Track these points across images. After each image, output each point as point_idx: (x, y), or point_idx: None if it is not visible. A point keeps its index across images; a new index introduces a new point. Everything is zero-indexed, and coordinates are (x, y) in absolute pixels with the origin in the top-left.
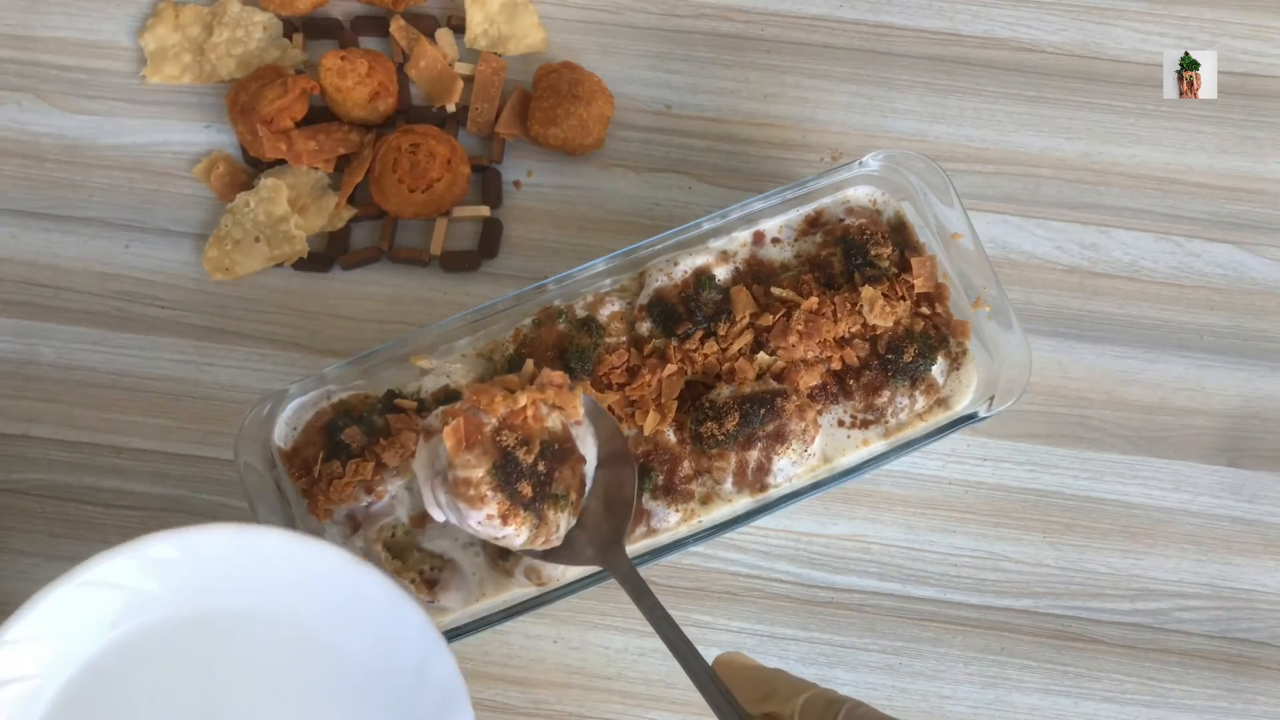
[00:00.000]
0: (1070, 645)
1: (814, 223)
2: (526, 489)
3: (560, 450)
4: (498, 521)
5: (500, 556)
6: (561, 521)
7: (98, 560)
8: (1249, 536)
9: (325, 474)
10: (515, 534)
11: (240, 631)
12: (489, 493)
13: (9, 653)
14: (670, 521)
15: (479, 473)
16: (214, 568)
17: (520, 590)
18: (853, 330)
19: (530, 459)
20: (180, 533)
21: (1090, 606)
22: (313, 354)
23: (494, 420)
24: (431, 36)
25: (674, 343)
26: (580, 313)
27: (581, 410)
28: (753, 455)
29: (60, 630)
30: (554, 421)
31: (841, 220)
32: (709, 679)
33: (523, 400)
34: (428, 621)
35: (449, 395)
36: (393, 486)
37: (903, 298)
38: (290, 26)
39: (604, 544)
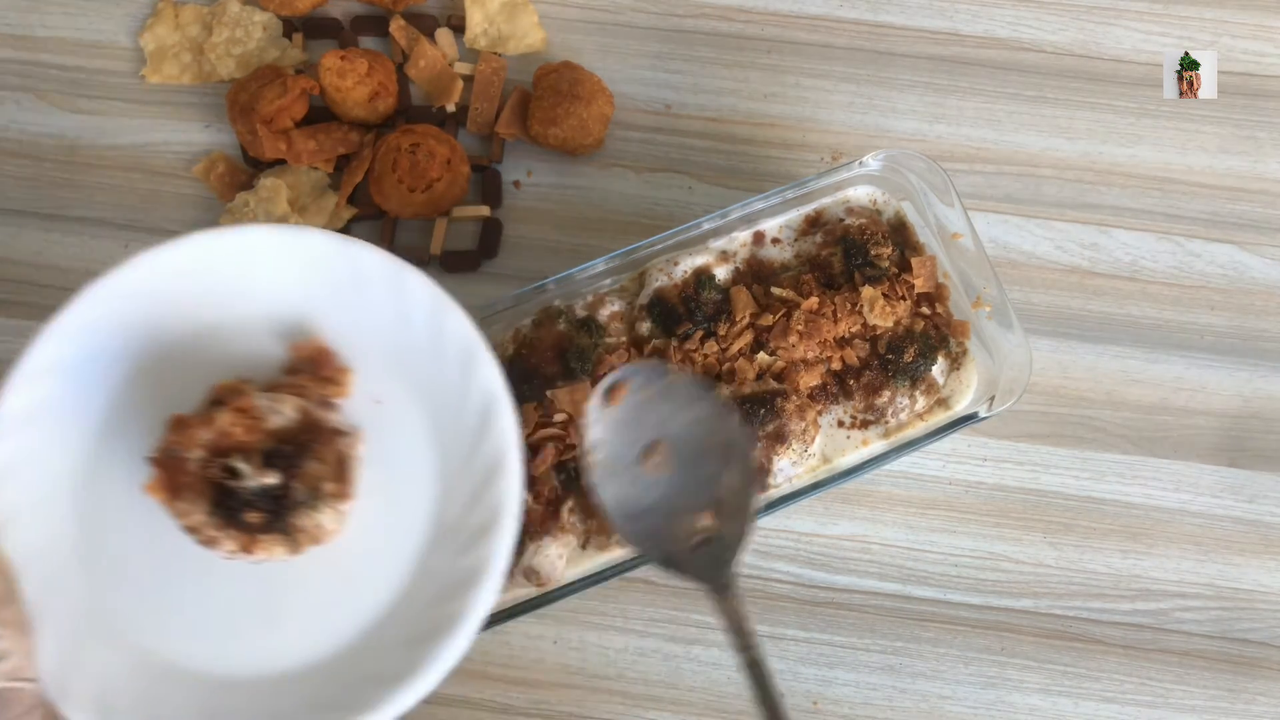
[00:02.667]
0: (1070, 645)
1: (814, 223)
2: (254, 517)
3: (299, 445)
4: (244, 555)
5: None
6: (325, 519)
7: (102, 279)
8: (1249, 536)
9: None
10: (274, 555)
11: (251, 332)
12: (217, 533)
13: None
14: None
15: (200, 516)
16: (209, 278)
17: (520, 590)
18: (853, 330)
19: (251, 483)
20: (157, 251)
21: (1090, 606)
22: None
23: (197, 453)
24: (431, 36)
25: (674, 343)
26: (580, 313)
27: (351, 387)
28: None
29: (89, 347)
30: (283, 415)
31: (841, 220)
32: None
33: (222, 421)
34: (430, 283)
35: None
36: None
37: (903, 298)
38: (290, 26)
39: (714, 560)
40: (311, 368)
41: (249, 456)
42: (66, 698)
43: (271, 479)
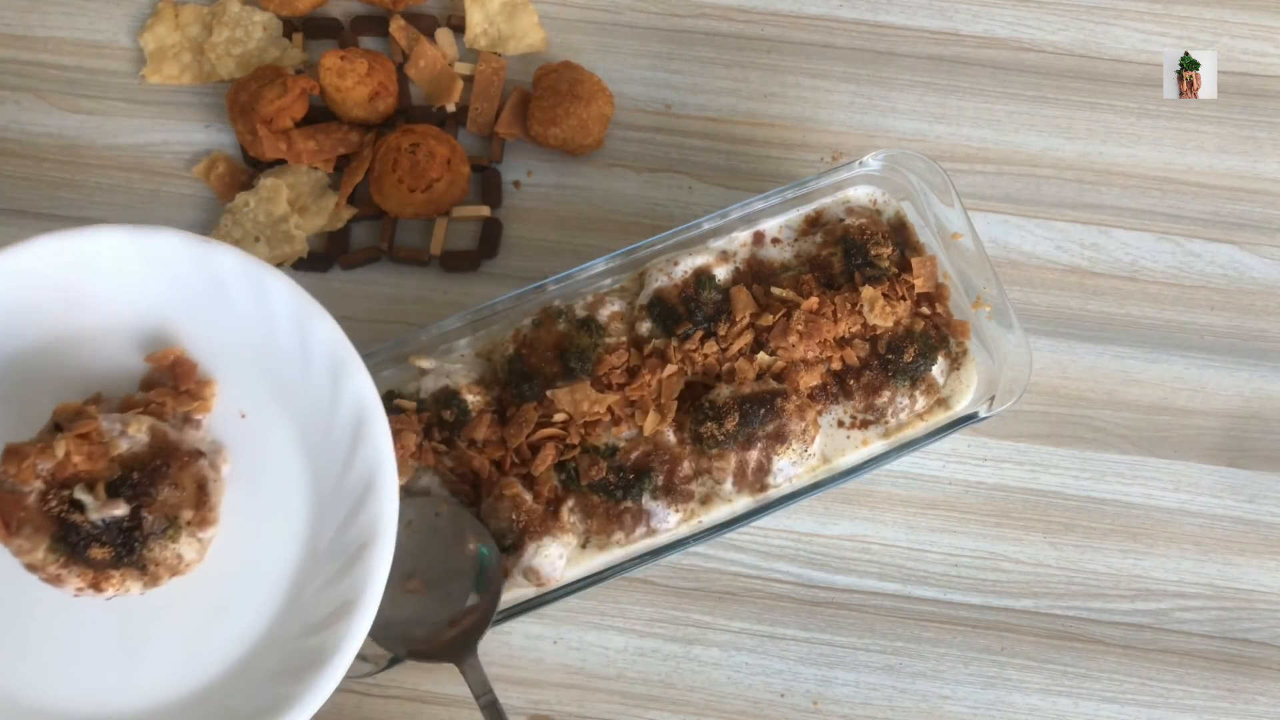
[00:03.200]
0: (1070, 645)
1: (814, 223)
2: (101, 552)
3: (151, 471)
4: (92, 593)
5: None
6: (185, 550)
7: None
8: (1249, 536)
9: None
10: (128, 590)
11: (105, 343)
12: (61, 571)
13: None
14: (670, 522)
15: (40, 554)
16: (56, 284)
17: (520, 590)
18: (853, 330)
19: (96, 516)
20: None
21: (1090, 606)
22: None
23: (36, 485)
24: (431, 36)
25: (674, 343)
26: (580, 312)
27: (214, 401)
28: (753, 455)
29: None
30: (135, 437)
31: (841, 220)
32: None
33: (61, 450)
34: (294, 287)
35: (449, 396)
36: None
37: (903, 298)
38: (290, 26)
39: (458, 644)
40: (171, 380)
41: (93, 486)
42: None
43: (119, 510)
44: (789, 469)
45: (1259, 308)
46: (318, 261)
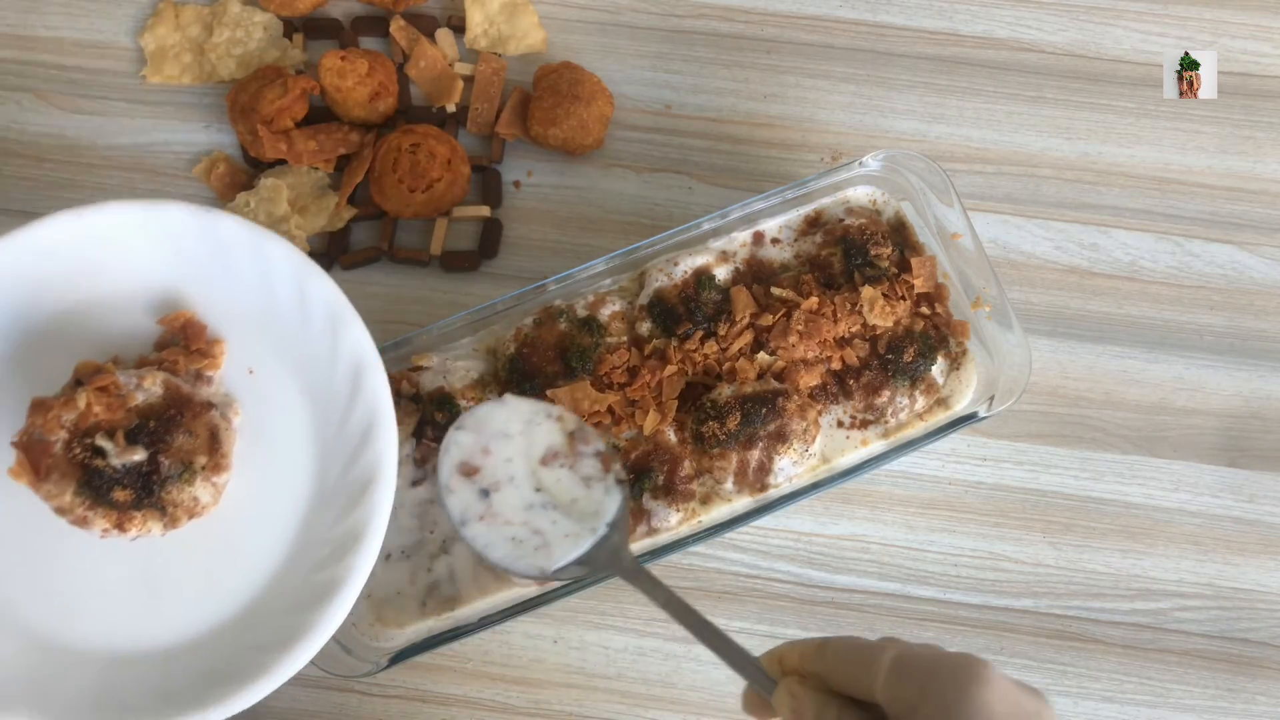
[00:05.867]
0: (1070, 645)
1: (814, 223)
2: (123, 494)
3: (166, 419)
4: (116, 533)
5: None
6: (200, 493)
7: None
8: (1249, 536)
9: None
10: (149, 531)
11: (121, 309)
12: (87, 513)
13: None
14: (671, 521)
15: (67, 498)
16: (73, 257)
17: (520, 590)
18: (853, 330)
19: (117, 461)
20: (15, 233)
21: (1090, 606)
22: None
23: (61, 435)
24: (431, 36)
25: (674, 343)
26: (581, 312)
27: (223, 359)
28: (754, 455)
29: None
30: (150, 389)
31: (841, 220)
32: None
33: (82, 401)
34: (291, 249)
35: (443, 398)
36: None
37: (903, 298)
38: (290, 26)
39: (612, 555)
40: (182, 340)
41: (113, 434)
42: None
43: (138, 455)
44: (790, 468)
45: (1258, 308)
46: (318, 261)
